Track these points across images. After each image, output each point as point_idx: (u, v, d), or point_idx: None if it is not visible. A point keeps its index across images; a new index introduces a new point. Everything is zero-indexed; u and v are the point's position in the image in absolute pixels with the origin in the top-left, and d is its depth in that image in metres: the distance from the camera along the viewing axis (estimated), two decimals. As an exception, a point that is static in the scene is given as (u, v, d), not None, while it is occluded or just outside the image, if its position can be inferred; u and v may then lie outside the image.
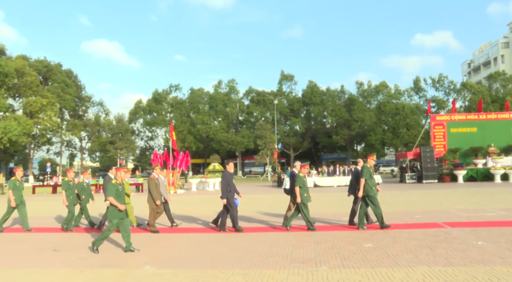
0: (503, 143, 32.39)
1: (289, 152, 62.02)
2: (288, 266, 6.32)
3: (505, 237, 8.08)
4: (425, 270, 5.82)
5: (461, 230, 9.10)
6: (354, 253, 7.09)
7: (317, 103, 60.51)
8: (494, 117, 34.68)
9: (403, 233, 8.94)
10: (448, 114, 36.20)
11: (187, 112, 64.45)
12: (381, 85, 62.38)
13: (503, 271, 5.68)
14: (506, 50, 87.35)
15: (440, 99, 59.79)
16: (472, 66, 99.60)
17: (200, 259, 7.01)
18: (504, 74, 61.56)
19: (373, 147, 58.91)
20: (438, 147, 32.85)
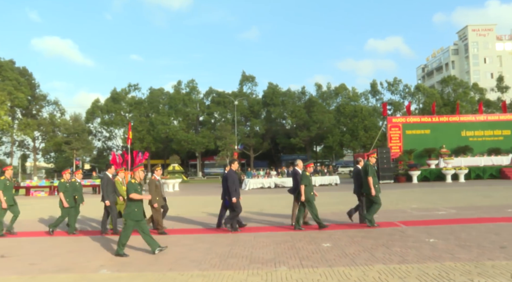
0: (454, 145, 33.80)
1: (249, 153, 62.17)
2: (247, 267, 6.33)
3: (454, 234, 8.43)
4: (381, 268, 5.97)
5: (415, 229, 9.41)
6: (313, 253, 7.19)
7: (277, 105, 60.99)
8: (445, 120, 36.17)
9: (360, 233, 9.15)
10: (404, 117, 37.46)
11: (146, 112, 63.39)
12: (340, 87, 63.62)
13: (451, 266, 5.92)
14: (456, 57, 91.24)
15: (396, 102, 61.64)
16: (426, 71, 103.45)
17: (159, 262, 6.91)
18: (455, 79, 64.21)
19: (332, 148, 59.95)
20: (394, 148, 33.85)
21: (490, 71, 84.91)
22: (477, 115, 37.58)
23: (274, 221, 11.14)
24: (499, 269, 5.71)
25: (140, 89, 66.14)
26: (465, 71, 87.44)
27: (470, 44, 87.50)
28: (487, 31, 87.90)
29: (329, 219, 11.25)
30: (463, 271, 5.67)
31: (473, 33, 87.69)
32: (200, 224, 10.82)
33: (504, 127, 35.51)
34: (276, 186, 30.25)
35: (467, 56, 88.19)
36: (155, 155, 65.90)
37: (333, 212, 12.94)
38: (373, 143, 46.29)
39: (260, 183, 31.15)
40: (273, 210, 14.14)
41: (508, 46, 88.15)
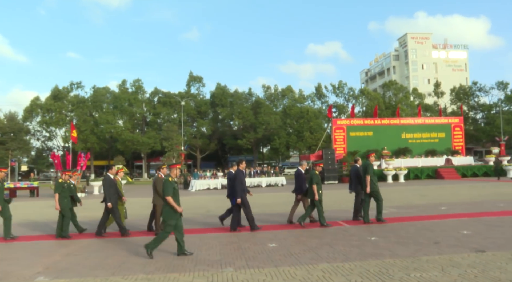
0: (394, 146, 35.29)
1: (196, 154, 61.65)
2: (193, 269, 6.27)
3: (394, 232, 8.81)
4: (325, 267, 6.12)
5: (358, 228, 9.73)
6: (259, 253, 7.24)
7: (225, 105, 60.95)
8: (387, 123, 37.71)
9: (305, 232, 9.33)
10: (348, 119, 38.65)
11: (89, 111, 61.20)
12: (286, 89, 64.54)
13: (391, 263, 6.19)
14: (397, 62, 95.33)
15: (341, 104, 63.40)
16: (369, 75, 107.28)
17: (102, 266, 6.69)
18: (396, 83, 67.02)
19: (278, 150, 60.69)
20: (338, 150, 34.82)
21: (427, 77, 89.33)
22: (416, 119, 39.49)
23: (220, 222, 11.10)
24: (433, 263, 6.04)
25: (83, 88, 63.73)
26: (405, 76, 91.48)
27: (409, 51, 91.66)
28: (424, 39, 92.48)
29: (275, 220, 11.39)
30: (401, 266, 5.94)
31: (412, 41, 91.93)
32: (145, 227, 10.59)
33: (440, 131, 37.54)
34: (223, 187, 30.18)
35: (406, 62, 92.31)
36: (99, 156, 63.83)
37: (279, 213, 13.10)
38: (318, 144, 47.33)
39: (207, 184, 30.97)
40: (219, 211, 14.04)
41: (442, 54, 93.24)
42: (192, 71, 65.08)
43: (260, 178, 32.59)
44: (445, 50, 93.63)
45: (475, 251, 6.80)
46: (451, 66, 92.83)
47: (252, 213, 9.81)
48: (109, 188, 9.65)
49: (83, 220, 12.44)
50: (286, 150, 62.18)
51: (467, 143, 47.01)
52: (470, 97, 64.22)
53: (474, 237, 7.98)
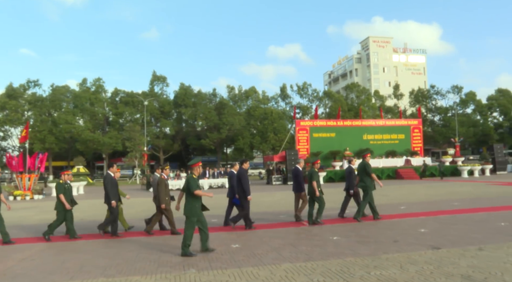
0: (356, 147, 36.01)
1: (159, 154, 60.82)
2: (155, 271, 6.19)
3: (355, 232, 8.99)
4: (287, 267, 6.17)
5: (321, 227, 9.88)
6: (222, 254, 7.23)
7: (189, 106, 60.43)
8: (349, 124, 38.46)
9: (268, 233, 9.37)
10: (311, 120, 39.12)
11: (48, 110, 59.18)
12: (250, 90, 64.68)
13: (352, 262, 6.31)
14: (359, 65, 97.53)
15: (305, 106, 64.12)
16: (332, 77, 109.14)
17: (60, 270, 6.48)
18: (358, 86, 68.46)
19: (242, 150, 60.73)
20: (302, 151, 35.19)
21: (388, 80, 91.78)
22: (377, 120, 40.49)
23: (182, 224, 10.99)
24: (392, 261, 6.21)
25: (40, 86, 61.53)
26: (367, 78, 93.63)
27: (371, 54, 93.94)
28: (385, 43, 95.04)
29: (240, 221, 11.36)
30: (362, 265, 6.07)
31: (374, 44, 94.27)
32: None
33: (400, 132, 38.62)
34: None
35: (368, 65, 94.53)
36: (58, 156, 61.79)
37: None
38: (282, 145, 47.68)
39: (170, 185, 30.59)
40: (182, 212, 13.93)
41: (402, 58, 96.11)
42: (156, 71, 64.17)
43: (224, 178, 32.52)
44: (405, 54, 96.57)
45: (431, 248, 7.04)
46: (410, 70, 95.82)
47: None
48: (111, 187, 9.51)
49: (40, 223, 12.04)
50: (250, 150, 62.29)
51: (425, 144, 48.53)
52: (428, 100, 66.43)
53: (431, 235, 8.25)
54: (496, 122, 64.24)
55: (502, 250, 6.73)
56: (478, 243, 7.30)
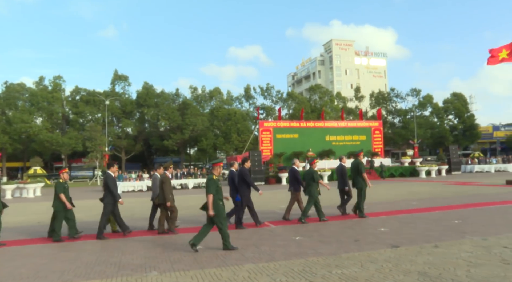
0: (319, 148, 36.53)
1: (121, 155, 59.60)
2: (115, 274, 6.06)
3: (318, 231, 9.12)
4: (250, 267, 6.18)
5: (283, 228, 9.95)
6: (184, 256, 7.16)
7: (152, 106, 59.52)
8: (312, 126, 38.97)
9: (231, 234, 9.31)
10: (275, 121, 39.36)
11: (2, 109, 56.82)
12: (214, 91, 64.42)
13: (314, 261, 6.40)
14: (322, 67, 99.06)
15: (268, 107, 64.47)
16: (295, 78, 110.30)
17: (13, 277, 6.23)
18: (321, 87, 69.48)
19: (206, 151, 60.42)
20: (265, 151, 35.36)
21: (350, 82, 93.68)
22: (339, 122, 41.21)
23: (146, 225, 10.83)
24: (353, 260, 6.34)
25: (-8, 83, 59.00)
26: (329, 80, 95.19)
27: (334, 56, 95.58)
28: (348, 46, 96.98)
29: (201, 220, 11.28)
30: (324, 264, 6.16)
31: (337, 47, 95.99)
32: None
33: (361, 133, 39.47)
34: (148, 189, 29.49)
35: (331, 67, 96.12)
36: (12, 157, 59.48)
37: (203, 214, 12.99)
38: (245, 146, 47.78)
39: (132, 186, 30.11)
40: (145, 214, 13.71)
41: (364, 61, 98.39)
42: (117, 70, 62.78)
43: (187, 179, 32.27)
44: (367, 57, 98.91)
45: (390, 246, 7.23)
46: (371, 73, 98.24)
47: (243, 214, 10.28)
48: (113, 186, 9.50)
49: None
50: (213, 151, 62.05)
51: (385, 145, 49.85)
52: (388, 103, 68.21)
53: (390, 234, 8.47)
54: (451, 124, 66.73)
55: (455, 247, 7.00)
56: (434, 241, 7.56)
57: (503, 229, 8.58)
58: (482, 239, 7.56)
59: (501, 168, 39.55)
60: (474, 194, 16.91)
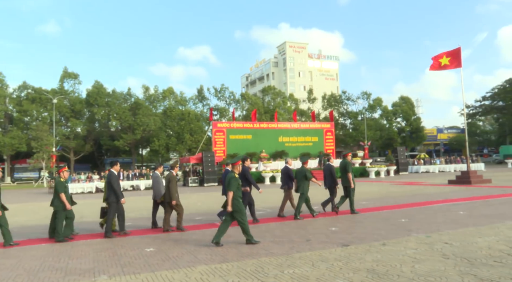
0: (272, 149, 36.84)
1: (69, 156, 57.50)
2: (62, 280, 5.83)
3: (270, 232, 9.19)
4: (203, 269, 6.14)
5: (236, 228, 9.90)
6: (136, 259, 7.01)
7: (102, 105, 57.81)
8: (265, 127, 39.25)
9: (184, 235, 9.27)
10: (228, 122, 39.30)
11: None
12: (167, 91, 63.51)
13: (266, 261, 6.43)
14: (276, 69, 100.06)
15: (222, 107, 64.32)
16: (249, 80, 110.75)
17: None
18: (274, 89, 70.10)
19: (158, 152, 59.48)
20: (218, 152, 35.25)
21: (303, 84, 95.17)
22: (292, 123, 41.73)
23: (95, 228, 10.52)
24: (304, 260, 6.44)
25: None
26: (283, 82, 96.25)
27: (287, 58, 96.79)
28: (301, 48, 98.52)
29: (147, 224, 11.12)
30: (276, 264, 6.21)
31: (290, 49, 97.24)
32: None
33: (313, 135, 40.18)
34: (98, 190, 28.67)
35: (285, 69, 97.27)
36: None
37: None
38: (198, 147, 47.44)
39: (81, 187, 29.15)
40: (94, 217, 13.33)
41: (317, 64, 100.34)
42: (67, 67, 60.41)
43: (139, 180, 31.64)
44: (319, 60, 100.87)
45: (341, 245, 7.41)
46: (324, 75, 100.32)
47: None
48: (117, 185, 9.47)
49: None
50: (166, 152, 61.14)
51: (337, 146, 51.00)
52: (340, 105, 69.88)
53: (341, 233, 8.68)
54: (399, 127, 69.28)
55: (401, 244, 7.27)
56: (382, 239, 7.82)
57: (444, 226, 9.01)
58: (426, 236, 7.90)
59: (445, 169, 41.53)
60: (419, 193, 17.65)
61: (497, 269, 5.47)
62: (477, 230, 8.35)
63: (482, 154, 69.35)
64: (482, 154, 70.59)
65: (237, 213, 7.83)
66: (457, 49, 22.14)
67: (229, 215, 7.93)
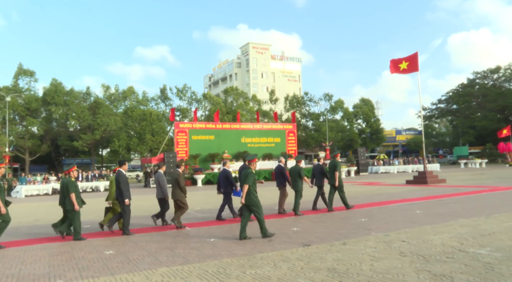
0: (234, 150, 36.78)
1: (24, 156, 55.37)
2: (15, 285, 5.61)
3: (232, 233, 9.18)
4: (164, 271, 6.05)
5: (198, 230, 9.89)
6: (94, 262, 6.83)
7: (60, 104, 55.95)
8: (228, 127, 39.16)
9: (144, 237, 9.11)
10: (190, 123, 38.95)
11: None
12: (128, 90, 62.31)
13: (228, 262, 6.43)
14: (239, 69, 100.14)
15: (184, 108, 63.66)
16: (212, 80, 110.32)
17: None
18: (236, 89, 70.07)
19: (118, 152, 58.23)
20: (180, 153, 34.86)
21: (266, 85, 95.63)
22: (255, 124, 41.82)
23: (51, 231, 10.17)
24: (266, 260, 6.47)
25: None
26: (246, 83, 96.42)
27: (250, 59, 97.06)
28: (264, 50, 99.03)
29: (113, 225, 10.87)
30: (238, 265, 6.21)
31: (253, 50, 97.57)
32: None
33: (276, 136, 40.41)
34: (54, 192, 27.78)
35: (248, 70, 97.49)
36: None
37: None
38: (160, 147, 46.79)
39: (36, 189, 28.15)
40: (49, 219, 12.88)
41: (280, 65, 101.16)
42: (22, 64, 58.04)
43: (98, 181, 30.88)
44: (282, 61, 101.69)
45: (302, 245, 7.49)
46: (287, 77, 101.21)
47: None
48: (124, 184, 9.45)
49: None
50: (126, 152, 59.89)
51: (299, 147, 51.53)
52: (302, 106, 70.68)
53: (302, 233, 8.77)
54: (360, 128, 70.78)
55: (361, 243, 7.43)
56: (343, 238, 7.96)
57: (402, 224, 9.27)
58: (384, 235, 8.11)
59: (403, 169, 42.81)
60: (379, 193, 18.10)
61: (449, 264, 5.70)
62: (432, 228, 8.65)
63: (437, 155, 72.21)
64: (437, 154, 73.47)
65: (254, 207, 8.31)
66: (414, 54, 22.89)
67: (247, 210, 8.41)
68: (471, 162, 47.71)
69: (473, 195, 15.37)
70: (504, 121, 64.43)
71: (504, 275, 5.12)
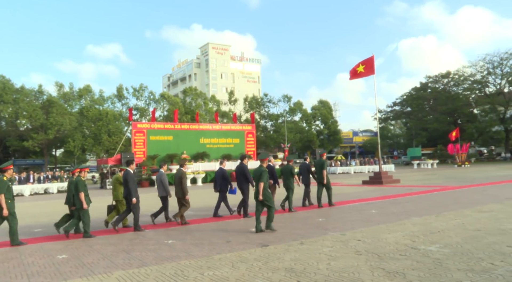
0: (193, 151, 36.52)
1: (-29, 157, 52.75)
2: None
3: (190, 234, 9.10)
4: (120, 274, 5.92)
5: (156, 231, 9.74)
6: (46, 267, 6.59)
7: (9, 102, 53.53)
8: (187, 128, 38.85)
9: (100, 240, 8.89)
10: (148, 123, 38.34)
11: None
12: (84, 89, 60.54)
13: (186, 264, 6.37)
14: (198, 70, 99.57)
15: (142, 108, 62.50)
16: (171, 80, 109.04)
17: None
18: (195, 90, 69.55)
19: (73, 153, 56.45)
20: (138, 154, 34.23)
21: (225, 86, 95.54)
22: (214, 125, 41.69)
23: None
24: (224, 261, 6.45)
25: None
26: (205, 83, 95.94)
27: (210, 60, 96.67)
28: (224, 50, 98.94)
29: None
30: (196, 266, 6.16)
31: (213, 51, 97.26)
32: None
33: (235, 136, 40.44)
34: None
35: (207, 70, 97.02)
36: None
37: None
38: (117, 148, 45.75)
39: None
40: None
41: (239, 66, 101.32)
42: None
43: (51, 183, 29.81)
44: (242, 62, 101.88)
45: (260, 246, 7.52)
46: (246, 78, 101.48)
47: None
48: (132, 183, 9.64)
49: None
50: (81, 153, 58.15)
51: (258, 148, 51.74)
52: (261, 107, 71.06)
53: (261, 234, 8.81)
54: (318, 129, 71.94)
55: (318, 243, 7.55)
56: (300, 238, 8.06)
57: (358, 224, 9.50)
58: (341, 234, 8.28)
59: (360, 170, 43.88)
60: (336, 193, 18.39)
61: (402, 261, 5.89)
62: (387, 227, 8.91)
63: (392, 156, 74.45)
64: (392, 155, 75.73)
65: (269, 203, 8.94)
66: (370, 58, 23.51)
67: (260, 204, 8.99)
68: (423, 162, 49.62)
69: (425, 195, 15.97)
70: (454, 123, 67.41)
71: (450, 269, 5.36)
